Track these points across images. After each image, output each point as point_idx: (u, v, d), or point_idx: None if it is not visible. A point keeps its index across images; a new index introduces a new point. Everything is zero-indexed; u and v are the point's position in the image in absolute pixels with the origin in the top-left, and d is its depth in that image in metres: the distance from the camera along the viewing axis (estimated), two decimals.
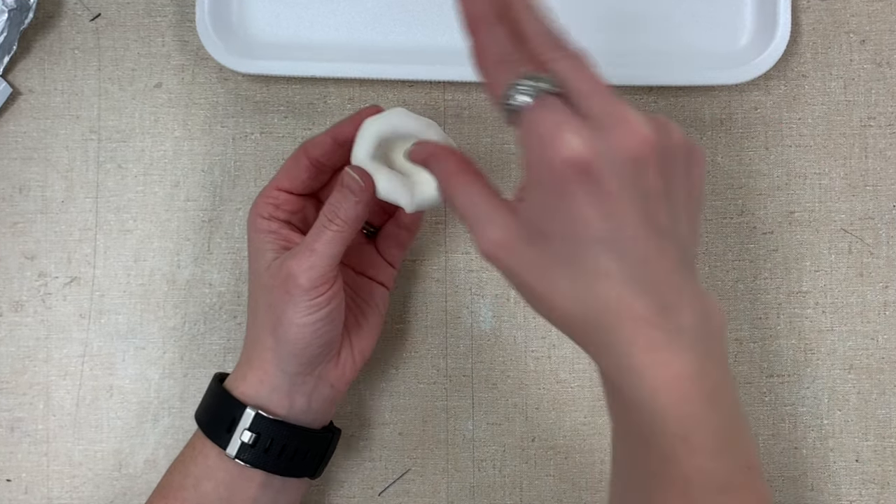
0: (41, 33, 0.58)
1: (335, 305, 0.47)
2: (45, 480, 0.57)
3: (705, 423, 0.37)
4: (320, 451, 0.50)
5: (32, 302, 0.57)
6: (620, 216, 0.37)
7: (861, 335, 0.58)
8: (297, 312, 0.46)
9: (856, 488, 0.57)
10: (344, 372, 0.50)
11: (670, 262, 0.38)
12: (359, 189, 0.47)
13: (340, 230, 0.46)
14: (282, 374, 0.48)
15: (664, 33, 0.58)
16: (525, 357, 0.58)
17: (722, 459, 0.38)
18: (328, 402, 0.50)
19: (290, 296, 0.46)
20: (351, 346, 0.51)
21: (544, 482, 0.57)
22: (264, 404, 0.48)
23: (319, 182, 0.52)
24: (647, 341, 0.37)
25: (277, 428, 0.48)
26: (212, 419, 0.49)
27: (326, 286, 0.46)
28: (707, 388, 0.38)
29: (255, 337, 0.49)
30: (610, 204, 0.37)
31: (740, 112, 0.59)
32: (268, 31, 0.58)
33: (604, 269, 0.37)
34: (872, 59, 0.59)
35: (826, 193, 0.58)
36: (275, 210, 0.50)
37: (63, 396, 0.57)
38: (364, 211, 0.47)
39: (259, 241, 0.49)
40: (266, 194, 0.50)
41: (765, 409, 0.58)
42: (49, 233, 0.57)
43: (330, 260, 0.46)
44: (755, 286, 0.58)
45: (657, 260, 0.37)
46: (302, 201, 0.51)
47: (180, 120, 0.58)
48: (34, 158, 0.58)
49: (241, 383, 0.49)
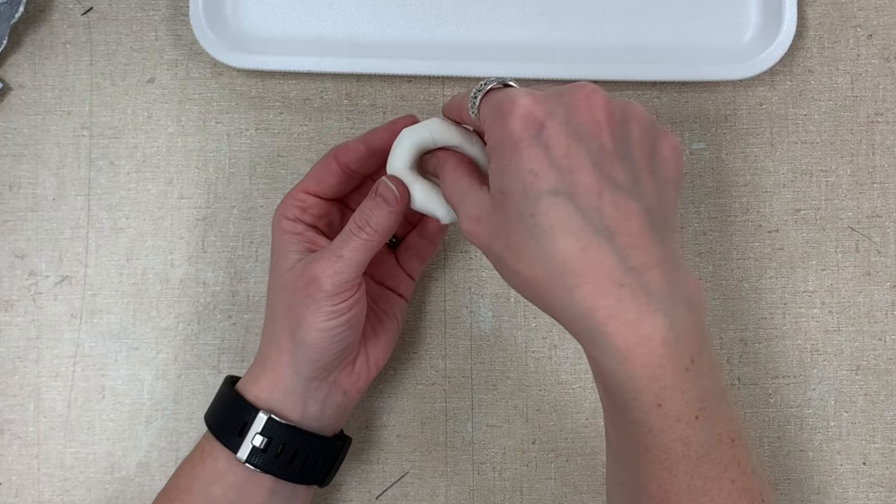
0: (32, 27, 0.57)
1: (356, 312, 0.47)
2: (35, 484, 0.56)
3: (679, 390, 0.38)
4: (330, 459, 0.50)
5: (23, 301, 0.56)
6: (573, 168, 0.38)
7: (868, 335, 0.57)
8: (319, 316, 0.46)
9: (863, 491, 0.57)
10: (358, 380, 0.50)
11: (635, 222, 0.38)
12: (394, 200, 0.47)
13: (370, 239, 0.46)
14: (297, 378, 0.48)
15: (667, 28, 0.58)
16: (525, 358, 0.57)
17: (700, 428, 0.38)
18: (340, 410, 0.50)
19: (313, 299, 0.46)
20: (367, 355, 0.51)
21: (545, 486, 0.56)
22: (277, 408, 0.48)
23: (348, 188, 0.52)
24: (614, 300, 0.37)
25: (289, 433, 0.47)
26: (223, 422, 0.48)
27: (350, 293, 0.46)
28: (681, 357, 0.38)
29: (272, 339, 0.48)
30: (561, 156, 0.38)
31: (745, 108, 0.58)
32: (263, 26, 0.57)
33: (561, 220, 0.38)
34: (880, 53, 0.58)
35: (833, 191, 0.58)
36: (301, 213, 0.50)
37: (54, 398, 0.56)
38: (396, 222, 0.47)
39: (283, 241, 0.49)
40: (293, 196, 0.50)
41: (770, 411, 0.57)
42: (40, 231, 0.57)
43: (356, 267, 0.46)
44: (760, 285, 0.57)
45: (619, 216, 0.38)
46: (329, 206, 0.51)
47: (174, 116, 0.57)
48: (25, 155, 0.57)
49: (253, 386, 0.48)
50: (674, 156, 0.41)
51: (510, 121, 0.39)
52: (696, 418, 0.38)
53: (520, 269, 0.40)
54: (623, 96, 0.58)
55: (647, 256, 0.38)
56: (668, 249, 0.39)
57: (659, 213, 0.40)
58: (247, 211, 0.57)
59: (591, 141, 0.39)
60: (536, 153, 0.39)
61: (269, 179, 0.57)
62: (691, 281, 0.39)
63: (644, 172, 0.40)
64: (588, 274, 0.37)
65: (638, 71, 0.56)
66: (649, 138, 0.41)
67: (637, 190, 0.39)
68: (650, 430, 0.38)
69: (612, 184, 0.38)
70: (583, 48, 0.57)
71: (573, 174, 0.38)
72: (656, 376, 0.37)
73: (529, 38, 0.58)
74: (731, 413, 0.40)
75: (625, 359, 0.37)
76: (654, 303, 0.37)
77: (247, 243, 0.57)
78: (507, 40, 0.57)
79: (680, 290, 0.38)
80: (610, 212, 0.38)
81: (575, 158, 0.38)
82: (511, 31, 0.57)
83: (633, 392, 0.38)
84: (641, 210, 0.39)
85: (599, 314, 0.37)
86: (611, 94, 0.41)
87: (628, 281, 0.37)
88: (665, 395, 0.37)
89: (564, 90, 0.40)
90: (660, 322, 0.37)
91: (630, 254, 0.38)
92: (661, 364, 0.37)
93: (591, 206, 0.38)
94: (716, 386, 0.39)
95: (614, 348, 0.37)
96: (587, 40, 0.57)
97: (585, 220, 0.38)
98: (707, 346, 0.39)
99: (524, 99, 0.40)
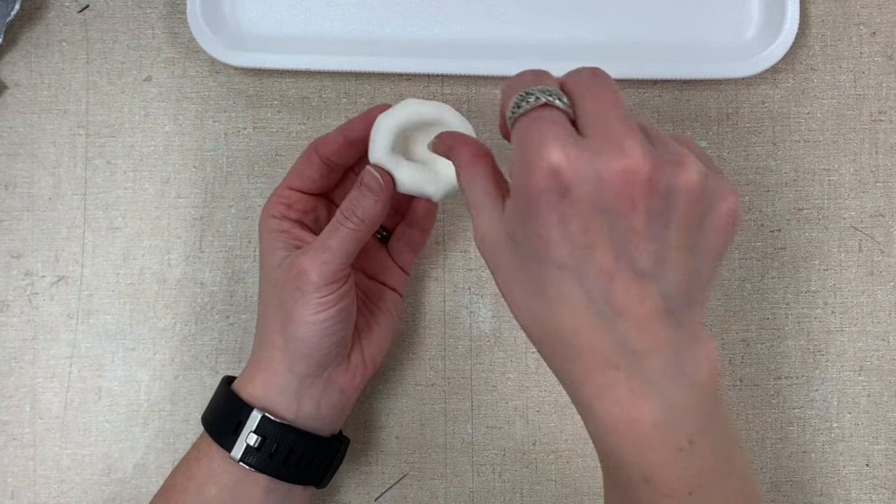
0: (28, 25, 0.57)
1: (346, 304, 0.47)
2: (31, 485, 0.56)
3: (670, 469, 0.36)
4: (327, 459, 0.50)
5: (19, 302, 0.56)
6: (589, 246, 0.35)
7: (872, 336, 0.57)
8: (308, 309, 0.46)
9: (866, 493, 0.56)
10: (354, 377, 0.50)
11: (647, 306, 0.36)
12: (378, 188, 0.47)
13: (356, 228, 0.46)
14: (290, 375, 0.48)
15: (669, 25, 0.57)
16: (526, 358, 0.56)
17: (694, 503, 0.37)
18: (337, 409, 0.50)
19: (301, 292, 0.46)
20: (362, 351, 0.51)
21: (545, 487, 0.56)
22: (271, 407, 0.48)
23: (331, 181, 0.52)
24: (605, 381, 0.36)
25: (284, 432, 0.47)
26: (218, 421, 0.48)
27: (338, 284, 0.46)
28: (675, 438, 0.36)
29: (264, 337, 0.48)
30: (579, 232, 0.35)
31: (747, 106, 0.58)
32: (261, 23, 0.57)
33: (564, 295, 0.36)
34: (883, 51, 0.58)
35: (835, 190, 0.57)
36: (286, 210, 0.50)
37: (50, 399, 0.56)
38: (382, 210, 0.47)
39: (270, 240, 0.49)
40: (278, 194, 0.50)
41: (773, 412, 0.56)
42: (36, 231, 0.56)
43: (343, 257, 0.46)
44: (762, 285, 0.57)
45: (629, 300, 0.35)
46: (314, 201, 0.51)
47: (171, 114, 0.57)
48: (20, 154, 0.57)
49: (248, 385, 0.48)
50: (724, 225, 0.37)
51: (533, 173, 0.35)
52: (690, 494, 0.36)
53: (517, 313, 0.39)
54: (624, 94, 0.57)
55: (653, 340, 0.36)
56: (682, 330, 0.36)
57: (684, 293, 0.36)
58: (244, 210, 0.57)
59: (618, 219, 0.35)
60: (553, 220, 0.35)
61: (266, 178, 0.57)
62: (704, 355, 0.37)
63: (677, 251, 0.36)
64: (581, 352, 0.36)
65: (639, 69, 0.55)
66: (698, 210, 0.36)
67: (659, 272, 0.36)
68: (638, 499, 0.37)
69: (629, 267, 0.35)
70: (583, 46, 0.57)
71: (588, 251, 0.35)
72: (644, 455, 0.36)
73: (530, 36, 0.57)
74: (741, 484, 0.38)
75: (611, 434, 0.36)
76: (650, 388, 0.36)
77: (244, 243, 0.57)
78: (508, 38, 0.57)
79: (686, 371, 0.36)
80: (619, 295, 0.35)
81: (593, 235, 0.35)
82: (511, 28, 0.57)
83: (619, 462, 0.37)
84: (658, 294, 0.36)
85: (589, 391, 0.36)
86: None
87: (625, 364, 0.36)
88: (653, 471, 0.36)
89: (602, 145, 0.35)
90: (652, 406, 0.36)
91: (633, 337, 0.36)
92: (651, 445, 0.36)
93: (599, 287, 0.35)
94: (721, 461, 0.37)
95: (601, 423, 0.36)
96: (588, 38, 0.57)
97: (589, 300, 0.36)
98: (713, 423, 0.37)
99: (554, 153, 0.35)
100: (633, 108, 0.57)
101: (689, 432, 0.36)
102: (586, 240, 0.35)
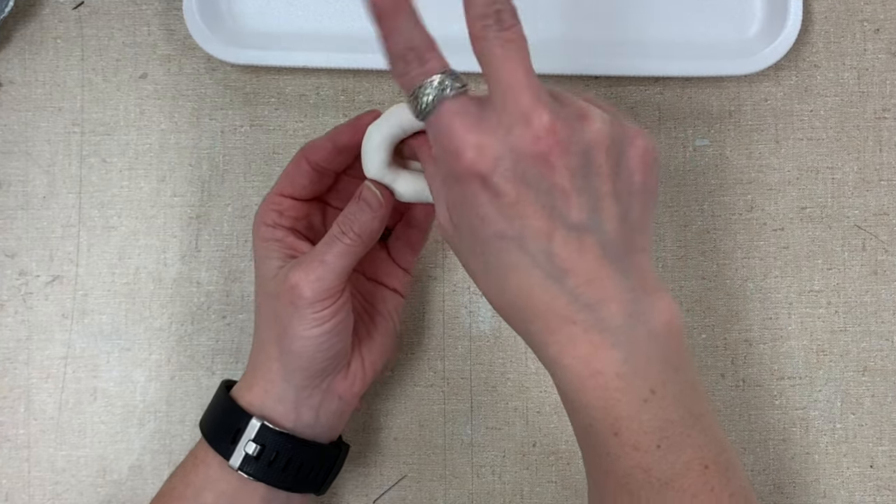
0: (22, 22, 0.57)
1: (341, 319, 0.46)
2: (25, 487, 0.55)
3: (636, 420, 0.38)
4: (327, 466, 0.49)
5: (13, 302, 0.56)
6: (522, 214, 0.38)
7: (875, 336, 0.56)
8: (302, 325, 0.45)
9: (870, 495, 0.56)
10: (353, 385, 0.49)
11: (590, 257, 0.38)
12: (378, 205, 0.46)
13: (353, 244, 0.46)
14: (287, 387, 0.47)
15: (671, 22, 0.57)
16: (526, 359, 0.56)
17: (662, 456, 0.38)
18: (337, 416, 0.49)
19: (295, 307, 0.45)
20: (361, 358, 0.50)
21: (546, 489, 0.56)
22: (270, 415, 0.47)
23: (323, 186, 0.51)
24: (565, 337, 0.38)
25: (283, 441, 0.47)
26: (216, 428, 0.48)
27: (332, 300, 0.45)
28: (638, 389, 0.38)
29: (261, 346, 0.48)
30: (510, 205, 0.38)
31: (750, 104, 0.57)
32: (258, 20, 0.57)
33: (511, 263, 0.38)
34: (887, 48, 0.57)
35: (839, 188, 0.57)
36: (279, 217, 0.49)
37: (45, 400, 0.55)
38: (380, 227, 0.47)
39: (264, 249, 0.48)
40: (269, 201, 0.49)
41: (776, 413, 0.56)
42: (30, 229, 0.56)
43: (338, 273, 0.45)
44: (765, 285, 0.56)
45: (571, 255, 0.38)
46: (307, 207, 0.50)
47: (167, 112, 0.57)
48: (15, 152, 0.56)
49: (247, 392, 0.48)
50: (640, 164, 0.39)
51: (454, 167, 0.38)
52: (658, 447, 0.38)
53: (484, 291, 0.41)
54: (626, 92, 0.57)
55: (604, 291, 0.38)
56: (631, 278, 0.39)
57: (621, 239, 0.39)
58: (241, 209, 0.56)
59: (542, 183, 0.37)
60: (483, 200, 0.38)
61: (263, 177, 0.56)
62: (661, 307, 0.39)
63: (605, 199, 0.38)
64: (539, 313, 0.38)
65: (641, 66, 0.55)
66: (613, 155, 0.39)
67: (595, 221, 0.38)
68: (608, 454, 0.39)
69: (563, 224, 0.38)
70: (584, 43, 0.56)
71: (522, 220, 0.38)
72: (610, 407, 0.38)
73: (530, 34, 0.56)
74: (707, 439, 0.39)
75: (578, 389, 0.38)
76: (608, 338, 0.38)
77: (241, 242, 0.56)
78: None
79: (643, 320, 0.38)
80: (561, 253, 0.38)
81: (523, 205, 0.38)
82: None
83: (589, 419, 0.38)
84: (597, 244, 0.38)
85: (552, 349, 0.38)
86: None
87: (581, 318, 0.38)
88: (621, 424, 0.38)
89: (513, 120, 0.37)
90: (614, 356, 0.38)
91: (584, 292, 0.38)
92: (616, 397, 0.38)
93: (540, 249, 0.38)
94: (685, 413, 0.39)
95: (568, 379, 0.38)
96: (589, 35, 0.57)
97: (534, 262, 0.38)
98: (675, 374, 0.39)
99: (468, 146, 0.38)
100: (634, 106, 0.57)
101: (651, 382, 0.38)
102: (518, 210, 0.38)
